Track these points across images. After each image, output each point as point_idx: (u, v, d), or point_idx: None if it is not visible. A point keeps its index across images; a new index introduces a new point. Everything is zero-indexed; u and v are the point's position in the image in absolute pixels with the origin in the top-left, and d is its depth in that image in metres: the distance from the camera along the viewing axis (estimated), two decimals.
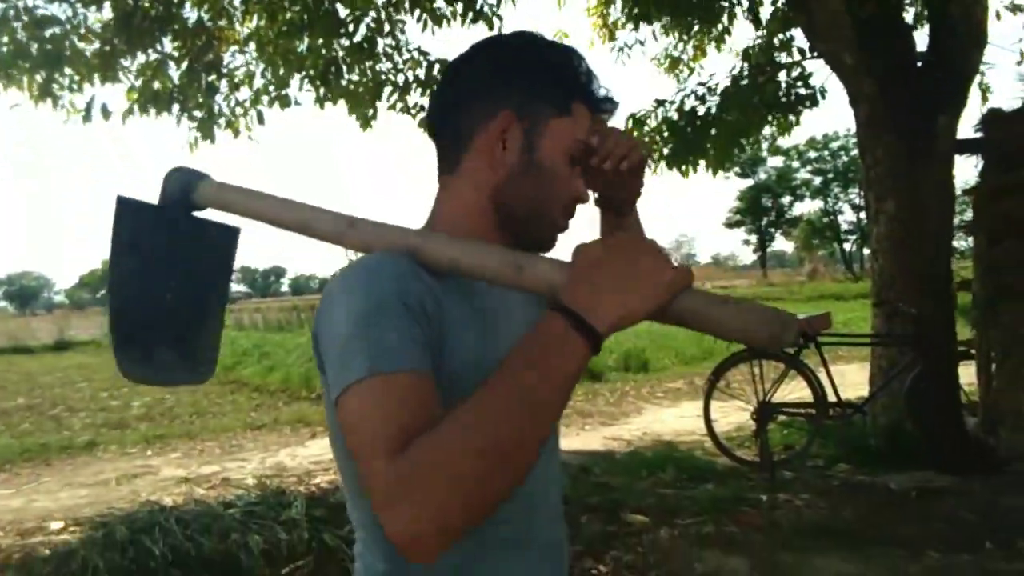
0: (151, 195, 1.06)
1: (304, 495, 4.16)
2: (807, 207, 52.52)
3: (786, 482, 4.82)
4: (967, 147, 5.48)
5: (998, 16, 5.50)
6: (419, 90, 6.41)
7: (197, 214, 1.05)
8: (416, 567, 0.83)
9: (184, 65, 5.65)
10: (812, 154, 47.99)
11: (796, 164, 49.43)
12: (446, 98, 0.97)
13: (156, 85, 5.61)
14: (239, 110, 5.86)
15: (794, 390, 5.56)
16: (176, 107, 5.63)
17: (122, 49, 5.38)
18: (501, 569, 0.90)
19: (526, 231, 0.94)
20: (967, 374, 5.10)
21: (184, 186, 1.03)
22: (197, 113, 5.65)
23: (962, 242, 9.56)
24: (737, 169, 48.78)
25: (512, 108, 0.91)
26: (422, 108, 6.50)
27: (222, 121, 5.78)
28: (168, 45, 5.68)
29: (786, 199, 52.01)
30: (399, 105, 6.38)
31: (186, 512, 3.77)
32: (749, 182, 51.66)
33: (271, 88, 5.84)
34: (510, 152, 0.92)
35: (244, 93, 5.96)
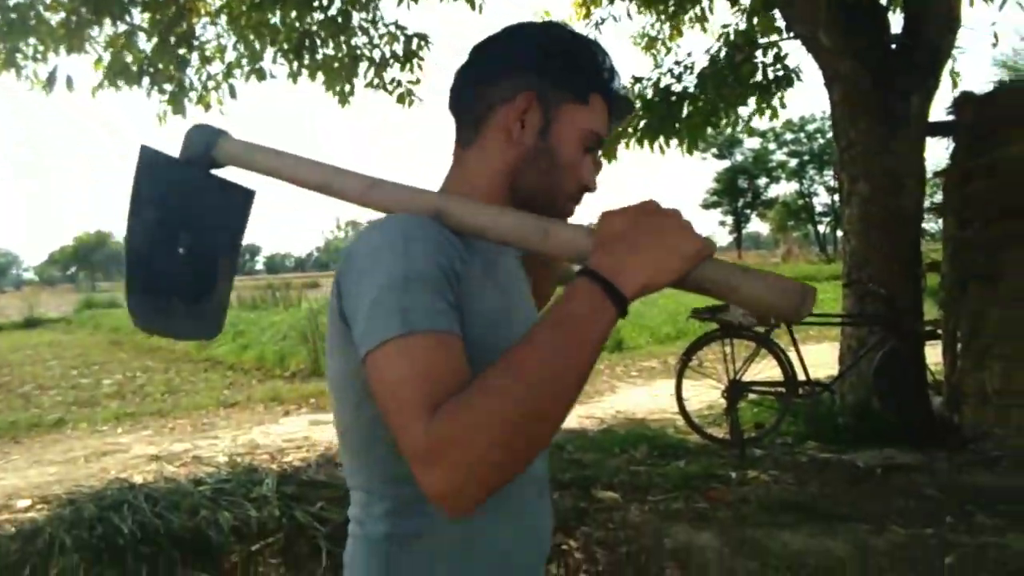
0: (128, 168, 1.05)
1: (276, 472, 4.14)
2: (783, 189, 52.96)
3: (756, 459, 4.89)
4: (939, 129, 5.52)
5: (971, 2, 5.54)
6: (397, 66, 6.35)
7: (216, 172, 1.06)
8: (418, 526, 0.87)
9: (155, 37, 5.53)
10: (788, 136, 48.27)
11: (772, 146, 49.71)
12: (471, 75, 0.99)
13: (127, 58, 5.50)
14: (211, 83, 5.75)
15: (765, 369, 5.63)
16: (146, 80, 5.52)
17: (89, 19, 5.25)
18: (504, 506, 0.90)
19: (533, 211, 0.93)
20: (934, 354, 5.19)
21: (206, 142, 1.04)
22: (167, 86, 5.54)
23: (933, 224, 9.70)
24: (714, 150, 48.98)
25: (535, 89, 0.93)
26: (399, 84, 6.44)
27: (193, 95, 5.67)
28: (138, 16, 5.56)
29: (762, 181, 52.36)
30: (376, 81, 6.32)
31: (155, 489, 3.74)
32: (726, 163, 51.92)
33: (244, 61, 5.74)
34: (528, 132, 0.94)
35: (216, 66, 5.86)
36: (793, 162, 49.13)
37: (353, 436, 0.91)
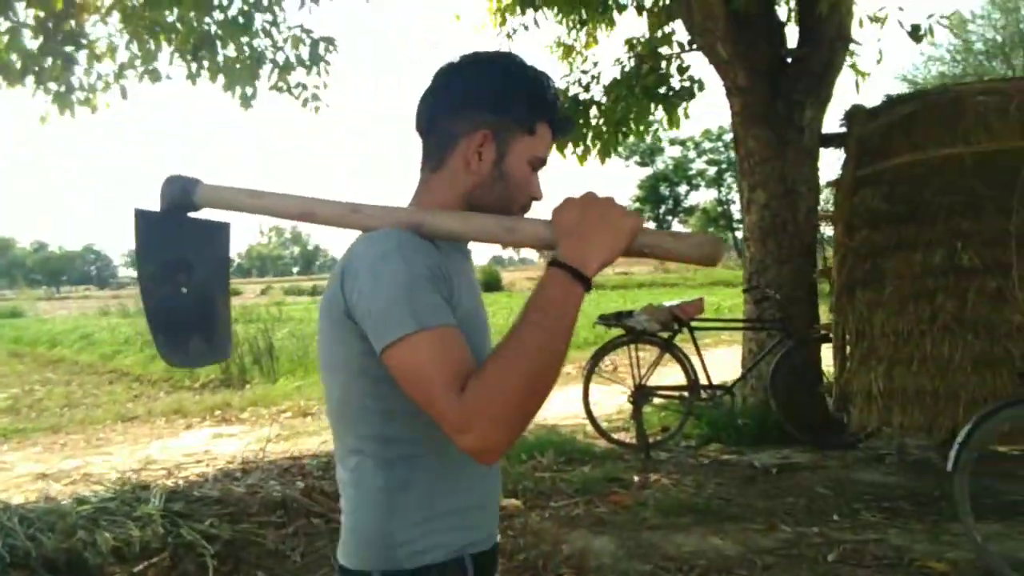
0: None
1: (166, 489, 3.97)
2: (703, 196, 54.44)
3: (659, 462, 4.97)
4: (830, 141, 5.76)
5: (860, 24, 5.79)
6: (302, 69, 6.21)
7: (194, 215, 1.20)
8: (408, 477, 1.08)
9: (40, 35, 5.26)
10: (707, 144, 49.63)
11: (692, 154, 51.02)
12: (437, 104, 1.16)
13: (11, 55, 5.20)
14: (100, 84, 5.50)
15: (671, 373, 5.75)
16: (30, 79, 5.24)
17: None
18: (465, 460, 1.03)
19: None
20: (829, 357, 5.39)
21: (183, 189, 1.17)
22: (53, 86, 5.27)
23: (828, 231, 10.08)
24: (637, 158, 49.93)
25: (491, 128, 1.12)
26: (304, 87, 6.31)
27: (80, 95, 5.41)
28: (22, 12, 5.27)
29: (683, 188, 53.67)
30: (280, 85, 6.17)
31: (31, 510, 3.54)
32: (648, 171, 52.99)
33: (137, 62, 5.51)
34: (484, 163, 1.13)
35: (107, 66, 5.61)
36: (712, 170, 50.53)
37: (348, 410, 1.10)
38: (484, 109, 1.12)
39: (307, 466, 4.79)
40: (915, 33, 5.46)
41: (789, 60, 5.76)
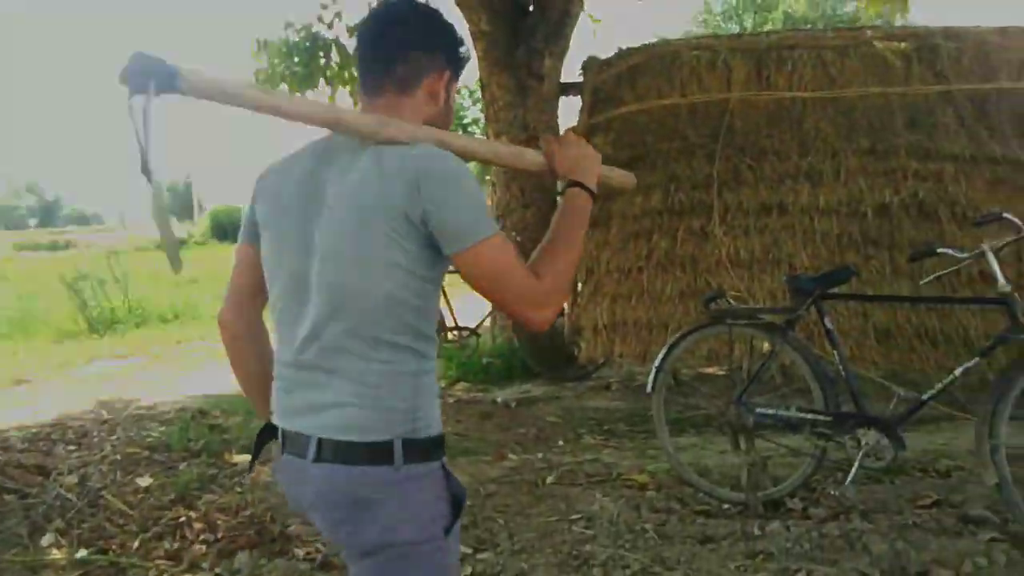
0: None
1: None
2: None
3: None
4: (568, 89, 6.02)
5: None
6: None
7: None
8: (428, 365, 1.29)
9: None
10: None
11: (468, 102, 51.49)
12: (409, 38, 1.34)
13: None
14: None
15: None
16: None
17: None
18: None
19: None
20: None
21: (168, 75, 1.09)
22: None
23: None
24: None
25: (449, 70, 1.37)
26: None
27: None
28: None
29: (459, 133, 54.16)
30: None
31: None
32: None
33: None
34: (441, 98, 1.38)
35: None
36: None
37: (391, 304, 1.22)
38: (445, 53, 1.37)
39: (11, 439, 4.27)
40: None
41: (530, 8, 5.89)
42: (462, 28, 5.93)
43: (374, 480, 1.22)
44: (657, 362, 3.33)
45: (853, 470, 2.82)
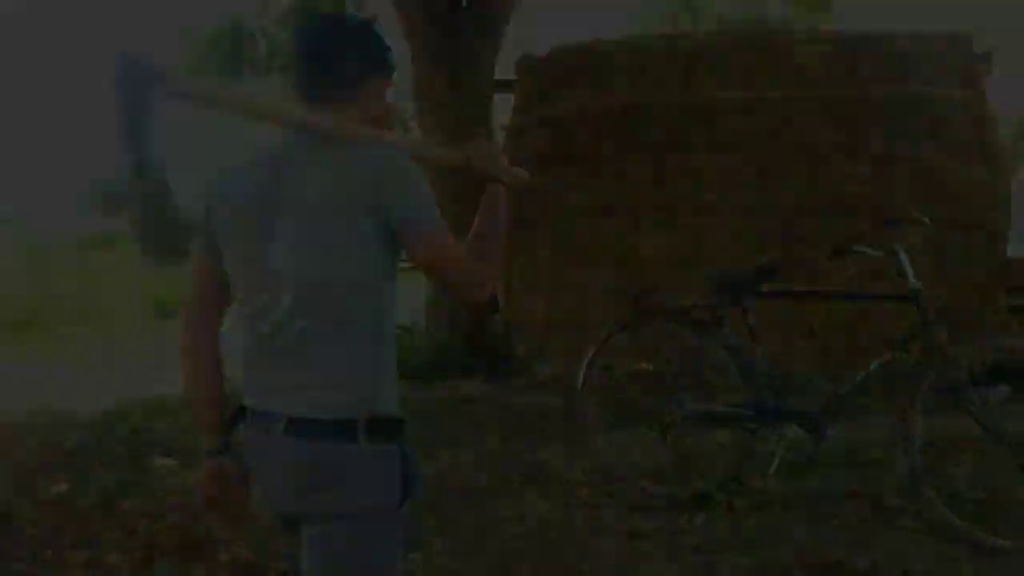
0: None
1: None
2: None
3: None
4: (502, 86, 6.02)
5: None
6: None
7: None
8: (389, 347, 1.40)
9: None
10: None
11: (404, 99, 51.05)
12: (355, 42, 1.45)
13: None
14: None
15: None
16: None
17: None
18: None
19: None
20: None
21: (157, 75, 1.18)
22: None
23: None
24: None
25: (388, 78, 1.49)
26: None
27: None
28: None
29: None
30: None
31: None
32: None
33: None
34: (383, 99, 1.49)
35: None
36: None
37: (356, 288, 1.34)
38: (387, 64, 1.49)
39: None
40: None
41: (465, 5, 5.85)
42: (396, 22, 5.93)
43: (339, 453, 1.33)
44: (587, 359, 3.35)
45: (775, 463, 2.90)
